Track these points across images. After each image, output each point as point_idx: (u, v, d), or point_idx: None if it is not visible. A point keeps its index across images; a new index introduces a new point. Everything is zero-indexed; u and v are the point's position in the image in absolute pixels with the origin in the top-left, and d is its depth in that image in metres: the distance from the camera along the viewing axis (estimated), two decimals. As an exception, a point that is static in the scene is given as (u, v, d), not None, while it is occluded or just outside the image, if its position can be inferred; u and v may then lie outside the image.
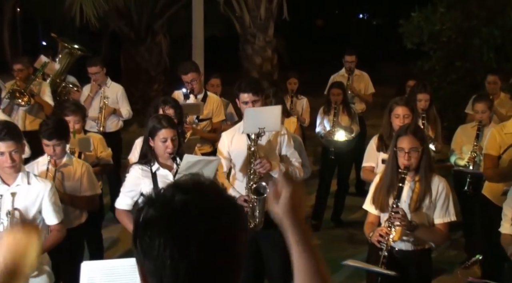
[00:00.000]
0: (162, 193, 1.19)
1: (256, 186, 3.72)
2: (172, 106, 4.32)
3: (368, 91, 7.16)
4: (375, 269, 3.28)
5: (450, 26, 8.74)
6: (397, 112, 4.10)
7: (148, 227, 1.15)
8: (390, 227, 3.27)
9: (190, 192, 1.18)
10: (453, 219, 3.40)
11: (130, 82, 11.00)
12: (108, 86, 6.14)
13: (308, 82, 8.32)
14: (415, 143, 3.28)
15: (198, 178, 1.24)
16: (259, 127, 3.65)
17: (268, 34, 10.59)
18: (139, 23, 11.20)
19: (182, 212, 1.14)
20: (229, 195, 1.28)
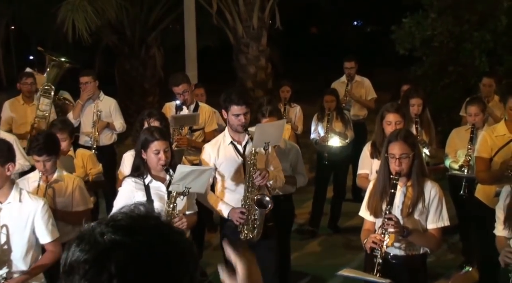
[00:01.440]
0: (92, 229, 1.03)
1: (260, 198, 3.75)
2: (157, 118, 4.32)
3: (368, 96, 7.18)
4: (370, 278, 3.26)
5: (442, 31, 8.80)
6: (389, 119, 4.12)
7: (71, 271, 1.00)
8: (384, 233, 3.27)
9: (122, 229, 1.01)
10: (446, 224, 3.40)
11: (125, 95, 11.04)
12: (101, 100, 6.16)
13: (302, 90, 8.36)
14: (405, 149, 3.29)
15: (139, 212, 1.07)
16: (265, 141, 3.71)
17: (262, 43, 10.63)
18: (132, 36, 11.25)
19: (108, 255, 0.98)
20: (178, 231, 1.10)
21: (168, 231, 1.06)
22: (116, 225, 1.03)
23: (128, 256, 0.98)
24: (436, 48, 8.96)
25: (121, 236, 1.00)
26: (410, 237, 3.30)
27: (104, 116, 6.09)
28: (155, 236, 1.02)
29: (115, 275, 0.96)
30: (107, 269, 0.96)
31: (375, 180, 3.50)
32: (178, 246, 1.05)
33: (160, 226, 1.06)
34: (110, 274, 0.96)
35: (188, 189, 3.43)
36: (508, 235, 3.30)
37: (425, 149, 5.15)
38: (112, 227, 1.02)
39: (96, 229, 1.02)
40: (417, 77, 8.92)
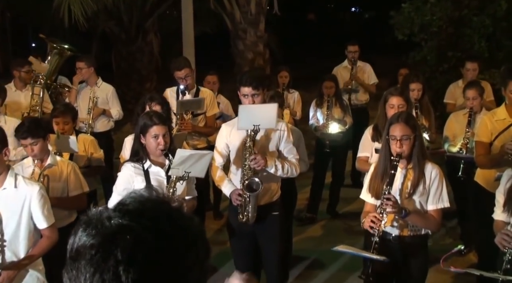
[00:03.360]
0: (100, 213, 1.00)
1: (249, 182, 3.72)
2: (158, 102, 4.32)
3: (370, 81, 7.20)
4: (365, 254, 3.29)
5: (441, 16, 8.75)
6: (392, 102, 4.11)
7: (77, 257, 0.97)
8: (382, 213, 3.29)
9: (131, 214, 0.99)
10: (447, 205, 3.42)
11: (122, 82, 10.98)
12: (99, 86, 6.13)
13: (300, 77, 8.32)
14: (406, 130, 3.30)
15: (149, 196, 1.04)
16: (254, 124, 3.66)
17: (259, 29, 10.57)
18: (129, 22, 11.16)
19: (115, 240, 0.95)
20: (188, 216, 1.05)
21: (178, 216, 1.02)
22: (123, 210, 1.00)
23: (135, 241, 0.95)
24: (435, 33, 8.92)
25: (128, 221, 0.97)
26: (409, 218, 3.32)
27: (101, 102, 6.06)
28: (164, 221, 0.99)
29: (121, 261, 0.93)
30: (114, 255, 0.94)
31: (376, 163, 3.51)
32: (188, 232, 1.01)
33: (170, 211, 1.02)
34: (116, 260, 0.94)
35: (187, 173, 3.43)
36: (506, 219, 3.31)
37: (425, 134, 5.15)
38: (120, 212, 0.99)
39: (104, 214, 1.00)
40: (416, 63, 8.89)
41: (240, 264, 4.11)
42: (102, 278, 0.93)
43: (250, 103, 3.80)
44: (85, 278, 0.95)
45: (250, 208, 3.78)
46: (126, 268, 0.93)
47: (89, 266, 0.95)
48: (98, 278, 0.94)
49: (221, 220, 6.05)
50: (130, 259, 0.93)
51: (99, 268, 0.94)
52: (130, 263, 0.93)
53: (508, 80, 3.96)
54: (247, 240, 3.98)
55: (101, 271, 0.94)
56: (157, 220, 0.98)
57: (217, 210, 6.28)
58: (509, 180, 3.28)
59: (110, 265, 0.93)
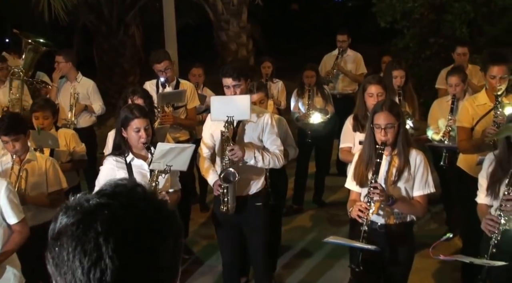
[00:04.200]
0: (77, 198, 1.07)
1: (225, 173, 3.72)
2: (141, 96, 4.29)
3: (358, 71, 7.19)
4: (356, 244, 3.31)
5: (422, 2, 8.79)
6: (371, 90, 4.12)
7: (59, 237, 1.02)
8: (369, 202, 3.30)
9: (107, 194, 1.06)
10: (432, 190, 3.45)
11: (104, 76, 10.87)
12: (79, 82, 6.05)
13: (284, 67, 8.30)
14: (391, 119, 3.31)
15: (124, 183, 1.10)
16: (227, 115, 3.64)
17: (242, 19, 10.51)
18: (110, 16, 11.02)
19: (94, 215, 1.01)
20: (159, 199, 1.12)
21: (151, 197, 1.10)
22: (101, 193, 1.07)
23: (113, 215, 1.02)
24: (417, 20, 8.95)
25: (106, 199, 1.04)
26: (396, 205, 3.33)
27: (82, 98, 5.98)
28: (139, 199, 1.07)
29: (101, 232, 0.99)
30: (93, 228, 1.00)
31: (361, 150, 3.52)
32: (162, 210, 1.09)
33: (144, 193, 1.10)
34: (96, 231, 0.99)
35: (169, 167, 3.40)
36: (489, 202, 3.34)
37: (409, 121, 5.17)
38: (97, 194, 1.07)
39: (82, 198, 1.06)
40: (398, 50, 8.93)
41: (226, 255, 4.12)
42: (84, 249, 0.99)
43: (232, 93, 3.78)
44: (67, 252, 1.00)
45: (229, 199, 3.78)
46: (106, 237, 0.99)
47: (70, 241, 1.00)
48: (80, 250, 0.99)
49: (208, 212, 6.04)
50: (109, 230, 1.00)
51: (80, 240, 0.99)
52: (109, 234, 0.99)
53: (489, 64, 3.98)
54: (233, 231, 3.98)
55: (82, 243, 0.99)
56: (132, 199, 1.06)
57: (203, 203, 6.27)
58: (491, 163, 3.31)
59: (91, 237, 0.99)
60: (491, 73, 3.98)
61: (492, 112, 4.01)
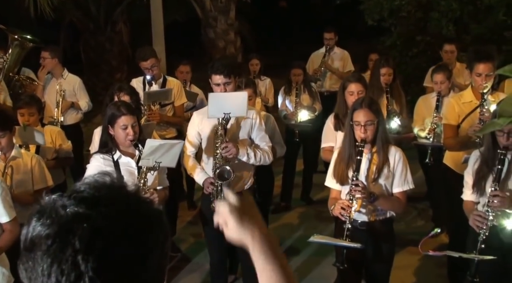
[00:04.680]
0: (53, 202, 0.98)
1: (220, 171, 3.71)
2: (127, 92, 4.26)
3: (346, 69, 7.21)
4: (341, 243, 3.32)
5: (409, 0, 8.82)
6: (351, 89, 4.13)
7: (33, 248, 0.94)
8: (352, 199, 3.32)
9: (86, 201, 0.96)
10: (411, 186, 3.49)
11: (91, 73, 10.79)
12: (65, 78, 5.99)
13: (272, 64, 8.30)
14: (370, 116, 3.33)
15: (104, 182, 1.01)
16: (224, 112, 3.63)
17: (230, 17, 10.49)
18: (97, 12, 10.93)
19: (71, 229, 0.92)
20: (145, 200, 1.05)
21: (135, 201, 1.01)
22: (78, 197, 0.97)
23: (92, 229, 0.93)
24: (404, 18, 8.99)
25: (84, 209, 0.95)
26: (377, 202, 3.36)
27: (68, 95, 5.92)
28: (121, 207, 0.97)
29: (79, 250, 0.91)
30: (71, 244, 0.92)
31: (340, 148, 3.54)
32: (146, 216, 1.00)
33: (126, 196, 1.01)
34: (74, 249, 0.92)
35: (158, 163, 3.39)
36: (475, 199, 3.37)
37: (396, 119, 5.20)
38: (75, 199, 0.97)
39: (58, 202, 0.97)
40: (386, 48, 8.96)
41: (214, 253, 4.10)
42: (61, 268, 0.91)
43: (222, 91, 3.77)
44: (42, 269, 0.92)
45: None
46: (85, 257, 0.91)
47: (46, 257, 0.92)
48: (56, 268, 0.91)
49: (195, 210, 6.03)
50: (89, 247, 0.92)
51: (57, 258, 0.92)
52: (89, 252, 0.91)
53: (474, 62, 4.01)
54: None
55: (59, 261, 0.91)
56: (113, 207, 0.96)
57: (191, 201, 6.25)
58: (476, 160, 3.34)
59: (68, 255, 0.91)
60: (476, 71, 4.01)
61: (478, 110, 4.04)
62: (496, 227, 3.19)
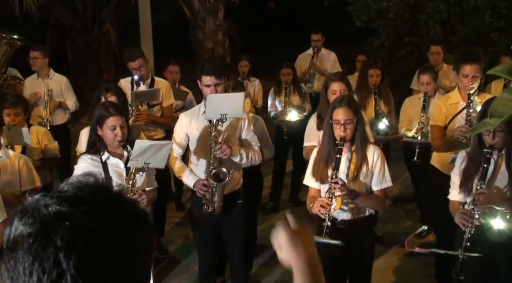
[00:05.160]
0: (36, 202, 0.96)
1: (216, 172, 3.70)
2: (114, 93, 4.23)
3: (334, 70, 7.21)
4: (321, 240, 3.34)
5: (397, 2, 8.89)
6: (333, 88, 4.14)
7: (14, 247, 0.93)
8: (331, 197, 3.34)
9: (69, 200, 0.95)
10: (389, 184, 3.54)
11: (78, 73, 10.70)
12: (51, 78, 5.95)
13: (260, 65, 8.30)
14: (350, 114, 3.36)
15: (88, 181, 1.00)
16: (221, 113, 3.63)
17: (218, 17, 10.46)
18: (84, 11, 10.84)
19: (53, 227, 0.91)
20: (129, 201, 1.03)
21: (119, 201, 1.00)
22: (61, 196, 0.96)
23: (75, 227, 0.91)
24: (392, 20, 9.05)
25: (67, 207, 0.94)
26: (357, 200, 3.40)
27: (56, 95, 5.89)
28: (104, 206, 0.96)
29: (61, 248, 0.90)
30: (53, 242, 0.90)
31: (319, 147, 3.56)
32: (130, 216, 0.99)
33: (110, 196, 1.00)
34: (56, 247, 0.90)
35: (147, 164, 3.37)
36: (462, 199, 3.40)
37: (384, 119, 5.23)
38: (57, 198, 0.95)
39: (40, 202, 0.96)
40: (374, 49, 9.02)
41: (203, 255, 4.09)
42: (42, 266, 0.90)
43: (212, 92, 3.76)
44: (23, 267, 0.91)
45: (217, 198, 3.75)
46: (67, 254, 0.90)
47: (27, 255, 0.91)
48: (38, 266, 0.90)
49: (183, 212, 6.01)
50: (71, 245, 0.90)
51: (38, 256, 0.90)
52: (71, 250, 0.90)
53: (461, 63, 4.04)
54: (210, 230, 3.96)
55: (40, 260, 0.90)
56: (96, 206, 0.95)
57: (179, 202, 6.23)
58: (463, 161, 3.36)
59: (50, 253, 0.90)
60: (463, 72, 4.04)
61: (464, 111, 4.08)
62: (482, 225, 3.22)
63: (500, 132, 3.13)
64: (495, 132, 3.14)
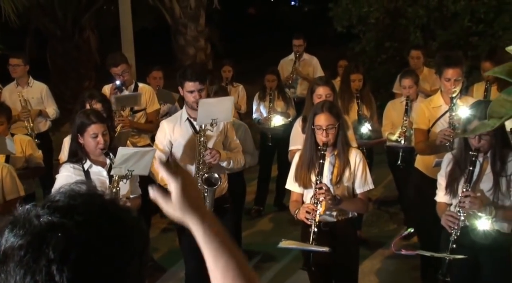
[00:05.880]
0: (27, 212, 0.93)
1: (208, 176, 3.69)
2: (99, 100, 4.19)
3: (316, 74, 7.24)
4: (308, 247, 3.34)
5: (377, 7, 8.97)
6: (319, 92, 4.16)
7: (5, 260, 0.90)
8: (316, 203, 3.35)
9: (61, 210, 0.92)
10: (371, 187, 3.58)
11: (59, 80, 10.59)
12: (31, 86, 5.86)
13: (243, 71, 8.30)
14: (331, 119, 3.38)
15: (80, 190, 0.97)
16: (212, 118, 3.63)
17: (200, 23, 10.46)
18: (64, 18, 10.74)
19: (45, 238, 0.88)
20: (123, 208, 1.00)
21: (113, 209, 0.98)
22: (53, 206, 0.93)
23: (67, 238, 0.89)
24: (373, 25, 9.13)
25: (59, 218, 0.91)
26: (342, 204, 3.42)
27: (36, 103, 5.79)
28: (97, 215, 0.94)
29: (53, 260, 0.87)
30: (45, 254, 0.88)
31: (301, 152, 3.57)
32: (124, 224, 0.97)
33: (103, 204, 0.97)
34: (48, 259, 0.88)
35: (131, 172, 3.33)
36: (448, 201, 3.42)
37: (367, 124, 5.26)
38: (49, 208, 0.93)
39: (32, 212, 0.93)
40: (355, 54, 9.08)
41: (189, 262, 4.05)
42: (34, 279, 0.87)
43: (196, 98, 3.74)
44: (15, 281, 0.88)
45: (208, 203, 3.73)
46: (60, 267, 0.87)
47: (19, 268, 0.88)
48: (30, 279, 0.87)
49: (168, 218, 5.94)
50: (63, 257, 0.88)
51: (30, 269, 0.87)
52: (64, 262, 0.88)
53: (443, 67, 4.07)
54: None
55: (32, 272, 0.87)
56: (90, 215, 0.93)
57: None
58: (449, 163, 3.39)
59: (42, 265, 0.87)
60: (445, 76, 4.08)
61: (447, 114, 4.11)
62: (467, 227, 3.24)
63: (486, 135, 3.17)
64: (481, 135, 3.17)
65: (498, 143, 3.21)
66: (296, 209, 3.46)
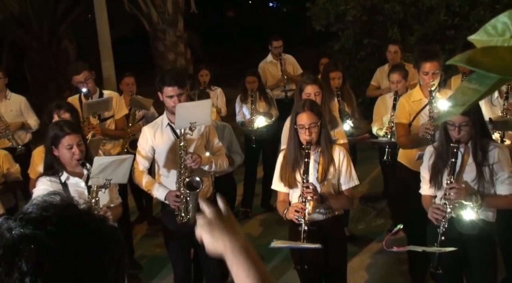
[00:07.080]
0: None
1: (189, 181, 3.66)
2: (67, 109, 4.12)
3: (297, 72, 7.32)
4: (300, 245, 3.34)
5: (354, 5, 8.99)
6: (308, 91, 4.15)
7: None
8: (304, 202, 3.35)
9: (33, 222, 0.91)
10: (356, 183, 3.59)
11: (38, 92, 10.45)
12: (9, 99, 5.78)
13: (223, 74, 8.29)
14: (313, 118, 3.39)
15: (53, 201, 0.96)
16: (190, 121, 3.60)
17: (178, 29, 10.40)
18: (40, 29, 10.61)
19: (17, 251, 0.87)
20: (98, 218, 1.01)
21: (86, 219, 0.97)
22: (25, 218, 0.92)
23: (40, 249, 0.88)
24: (350, 22, 9.15)
25: (31, 229, 0.90)
26: (328, 202, 3.44)
27: (15, 115, 5.72)
28: (71, 226, 0.92)
29: (26, 272, 0.86)
30: (18, 267, 0.87)
31: (285, 152, 3.56)
32: (99, 234, 0.96)
33: (77, 215, 0.96)
34: (21, 271, 0.86)
35: (109, 181, 3.27)
36: (433, 193, 3.42)
37: (349, 121, 5.26)
38: (21, 221, 0.92)
39: (3, 225, 0.93)
40: (335, 52, 9.10)
41: (178, 269, 4.02)
42: None
43: (175, 103, 3.72)
44: None
45: (191, 208, 3.69)
46: (33, 279, 0.86)
47: None
48: None
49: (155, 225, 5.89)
50: (37, 269, 0.86)
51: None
52: (37, 274, 0.86)
53: (421, 61, 4.09)
54: (185, 241, 3.88)
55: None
56: (63, 226, 0.92)
57: (150, 216, 6.11)
58: (431, 155, 3.40)
59: (15, 278, 0.86)
60: (424, 70, 4.09)
61: (427, 107, 4.12)
62: (454, 218, 3.25)
63: (465, 126, 3.19)
64: (460, 127, 3.19)
65: (477, 133, 3.24)
66: (284, 209, 3.47)
